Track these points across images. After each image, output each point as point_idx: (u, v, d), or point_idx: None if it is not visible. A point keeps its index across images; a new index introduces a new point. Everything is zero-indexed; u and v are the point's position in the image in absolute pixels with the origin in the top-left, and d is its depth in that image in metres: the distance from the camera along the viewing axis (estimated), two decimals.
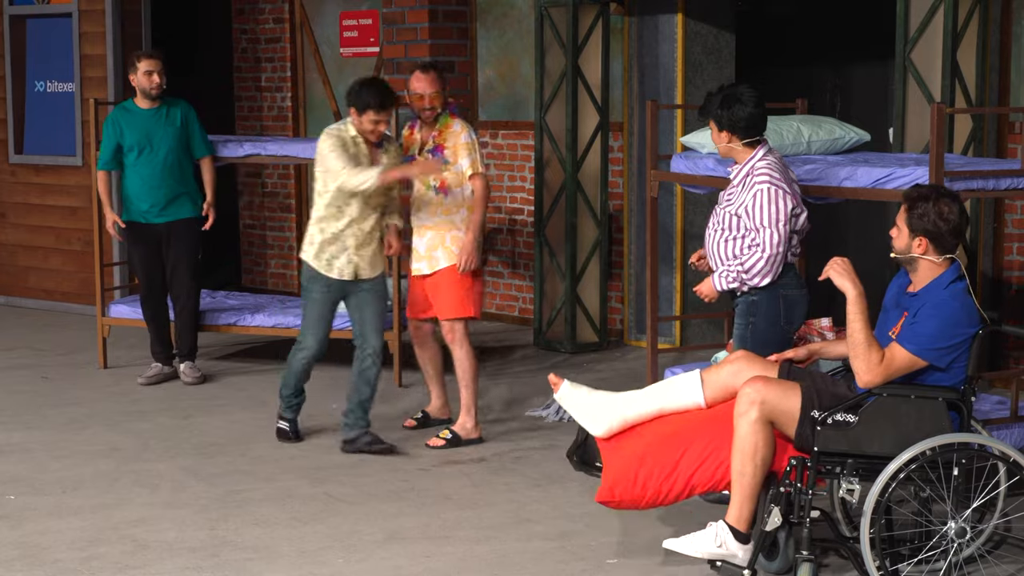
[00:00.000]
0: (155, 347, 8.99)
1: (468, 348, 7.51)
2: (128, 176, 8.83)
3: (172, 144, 8.77)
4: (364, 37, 11.57)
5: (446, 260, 7.47)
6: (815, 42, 10.15)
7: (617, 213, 10.14)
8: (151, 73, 8.72)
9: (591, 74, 9.95)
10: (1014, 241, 8.26)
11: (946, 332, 5.15)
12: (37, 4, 11.78)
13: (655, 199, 7.56)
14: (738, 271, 5.94)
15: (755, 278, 5.91)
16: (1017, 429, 6.17)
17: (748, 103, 5.98)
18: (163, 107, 8.80)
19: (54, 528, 6.13)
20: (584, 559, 5.70)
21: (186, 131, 8.83)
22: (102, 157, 8.85)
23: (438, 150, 7.48)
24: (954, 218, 5.22)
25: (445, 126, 7.48)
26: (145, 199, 8.75)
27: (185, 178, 8.86)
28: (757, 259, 5.90)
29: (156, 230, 8.80)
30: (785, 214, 5.90)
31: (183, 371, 8.93)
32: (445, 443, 7.39)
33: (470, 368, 7.49)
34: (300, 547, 5.87)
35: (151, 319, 8.94)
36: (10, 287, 12.17)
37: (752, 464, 5.22)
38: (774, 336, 5.97)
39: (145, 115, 8.76)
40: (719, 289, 6.02)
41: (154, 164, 8.73)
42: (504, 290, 10.93)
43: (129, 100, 8.89)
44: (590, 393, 5.72)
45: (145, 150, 8.72)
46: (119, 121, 8.77)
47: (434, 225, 7.49)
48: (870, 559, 5.09)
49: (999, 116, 8.14)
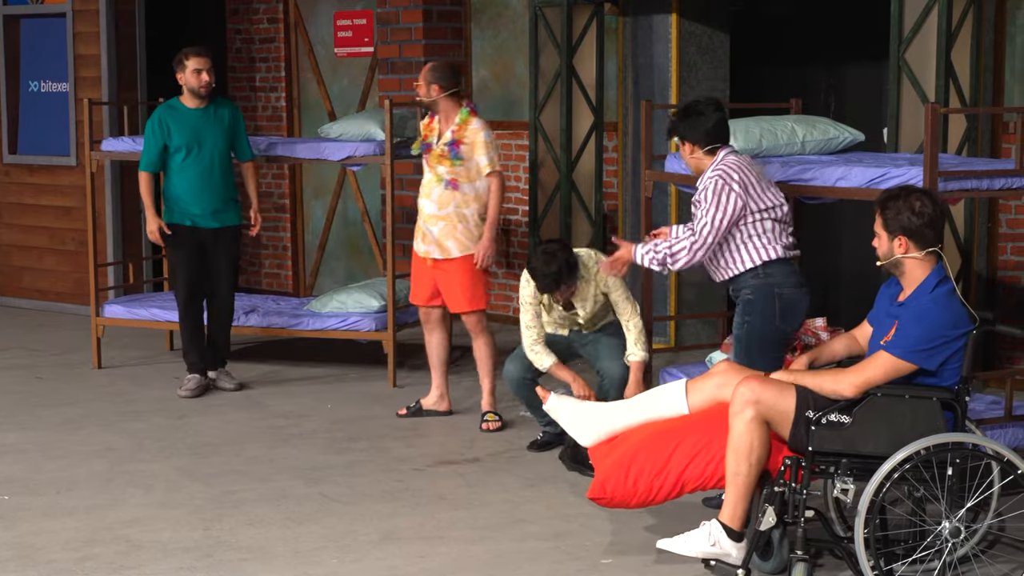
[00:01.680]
0: (192, 357, 8.62)
1: (489, 336, 7.81)
2: (174, 178, 8.46)
3: (220, 145, 8.47)
4: (358, 37, 11.56)
5: (459, 251, 7.68)
6: (809, 42, 10.16)
7: (612, 213, 10.14)
8: (200, 71, 8.37)
9: (585, 74, 9.96)
10: (1008, 241, 8.26)
11: (930, 335, 5.16)
12: (31, 4, 11.77)
13: (650, 199, 7.57)
14: (664, 252, 6.00)
15: (675, 259, 5.98)
16: (1011, 429, 6.18)
17: (706, 113, 6.10)
18: (211, 106, 8.48)
19: (48, 528, 6.13)
20: (579, 559, 5.70)
21: (232, 133, 8.56)
22: (146, 158, 8.49)
23: (455, 145, 7.59)
24: (928, 211, 5.23)
25: (464, 123, 7.61)
26: (195, 203, 8.44)
27: (230, 182, 8.57)
28: (683, 246, 5.97)
29: (202, 235, 8.49)
30: (725, 209, 5.92)
31: (220, 378, 8.71)
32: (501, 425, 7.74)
33: (493, 355, 7.80)
34: (295, 547, 5.87)
35: (193, 328, 8.61)
36: (4, 287, 12.16)
37: (747, 463, 5.23)
38: (771, 335, 5.97)
39: (194, 115, 8.44)
40: (635, 259, 6.09)
41: (202, 166, 8.42)
42: (499, 290, 10.93)
43: (175, 99, 8.51)
44: (577, 404, 5.91)
45: (193, 151, 8.41)
46: (165, 120, 8.42)
47: (446, 216, 7.67)
48: (864, 559, 5.09)
49: (993, 116, 8.15)
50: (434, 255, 7.73)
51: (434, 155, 7.70)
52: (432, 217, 7.72)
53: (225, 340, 8.76)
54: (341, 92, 11.76)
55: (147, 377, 9.16)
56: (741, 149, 6.97)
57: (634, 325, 7.00)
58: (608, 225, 10.12)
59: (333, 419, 8.00)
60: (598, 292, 7.02)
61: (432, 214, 7.71)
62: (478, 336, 7.81)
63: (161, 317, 9.34)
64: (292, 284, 12.18)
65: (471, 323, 7.80)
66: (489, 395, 7.79)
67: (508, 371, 7.28)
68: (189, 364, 8.68)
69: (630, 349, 6.98)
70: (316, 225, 12.08)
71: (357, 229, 11.73)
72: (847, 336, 5.71)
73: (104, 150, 9.49)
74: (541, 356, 7.03)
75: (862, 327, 5.64)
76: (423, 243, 7.77)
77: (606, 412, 5.78)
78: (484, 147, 7.61)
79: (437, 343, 7.94)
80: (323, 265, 12.04)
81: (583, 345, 7.17)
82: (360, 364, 9.25)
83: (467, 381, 8.78)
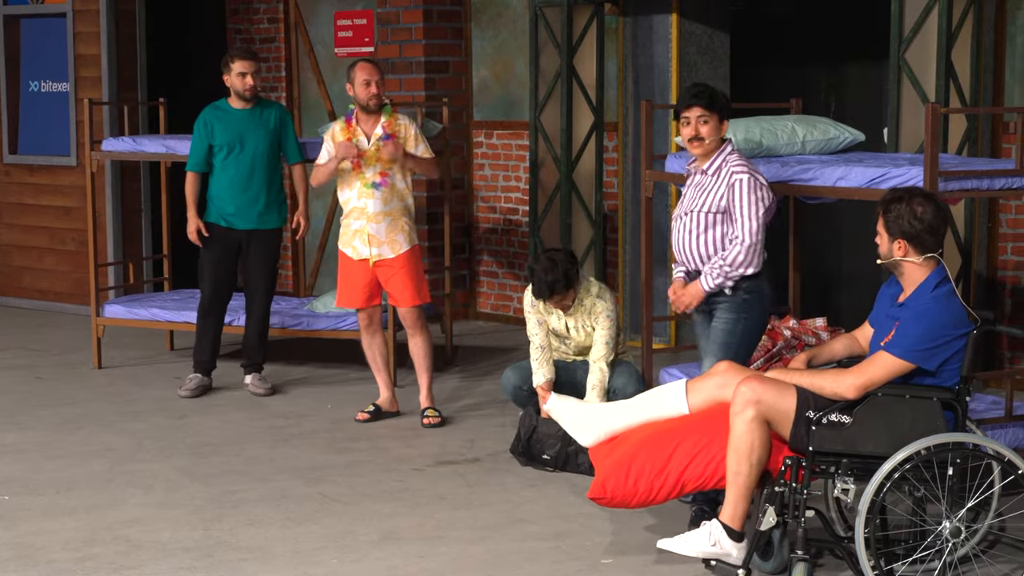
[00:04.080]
0: (201, 356, 8.62)
1: (428, 333, 7.93)
2: (215, 177, 8.47)
3: (263, 146, 8.42)
4: (358, 37, 11.56)
5: (407, 243, 7.83)
6: (810, 42, 10.15)
7: (612, 213, 10.13)
8: (245, 75, 8.33)
9: (586, 74, 9.96)
10: (1008, 241, 8.26)
11: (930, 335, 5.17)
12: (31, 4, 11.77)
13: (650, 199, 7.56)
14: (721, 266, 5.97)
15: (739, 269, 5.95)
16: (1011, 429, 6.18)
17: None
18: (257, 108, 8.44)
19: (48, 528, 6.12)
20: (579, 559, 5.70)
21: (279, 135, 8.51)
22: (192, 157, 8.49)
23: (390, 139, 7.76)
24: (928, 217, 5.23)
25: (393, 117, 7.82)
26: (230, 202, 8.43)
27: (273, 185, 8.52)
28: (738, 252, 5.95)
29: (235, 236, 8.47)
30: (763, 204, 5.97)
31: (252, 383, 8.63)
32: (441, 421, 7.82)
33: (432, 352, 7.92)
34: (295, 547, 5.87)
35: (210, 328, 8.58)
36: (4, 287, 12.16)
37: (747, 463, 5.22)
38: (760, 331, 6.12)
39: (239, 115, 8.41)
40: (707, 289, 6.02)
41: (241, 165, 8.40)
42: (499, 290, 10.93)
43: (222, 100, 8.49)
44: (577, 404, 5.94)
45: (235, 150, 8.39)
46: (210, 121, 8.42)
47: (391, 211, 7.77)
48: (865, 559, 5.09)
49: (993, 116, 8.14)
50: (386, 255, 7.79)
51: (369, 155, 7.74)
52: (376, 215, 7.74)
53: (260, 344, 8.66)
54: (341, 92, 11.74)
55: (147, 377, 9.15)
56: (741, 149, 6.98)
57: (600, 370, 7.00)
58: (608, 225, 10.11)
59: (333, 419, 8.00)
60: (589, 324, 7.08)
61: (377, 212, 7.74)
62: (418, 332, 7.84)
63: (161, 317, 9.33)
64: (292, 284, 12.17)
65: (412, 318, 7.82)
66: (427, 391, 7.87)
67: (506, 378, 7.31)
68: (196, 363, 8.66)
69: (588, 394, 6.99)
70: (316, 225, 12.07)
71: None
72: (847, 336, 5.71)
73: (104, 150, 9.49)
74: (536, 371, 7.10)
75: (863, 328, 5.65)
76: (369, 246, 7.79)
77: (606, 412, 5.78)
78: (419, 136, 7.85)
79: (380, 343, 7.99)
80: (323, 265, 12.04)
81: (587, 373, 7.16)
82: (360, 364, 9.22)
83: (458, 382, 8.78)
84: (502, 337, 10.36)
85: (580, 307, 7.09)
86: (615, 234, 10.11)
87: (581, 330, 7.11)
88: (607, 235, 10.12)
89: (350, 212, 7.83)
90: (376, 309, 7.95)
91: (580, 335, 7.13)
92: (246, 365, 8.69)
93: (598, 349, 7.03)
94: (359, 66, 7.82)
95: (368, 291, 7.89)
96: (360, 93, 7.77)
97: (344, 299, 7.98)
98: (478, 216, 11.02)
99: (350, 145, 7.70)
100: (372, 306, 7.93)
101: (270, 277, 8.61)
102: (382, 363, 8.00)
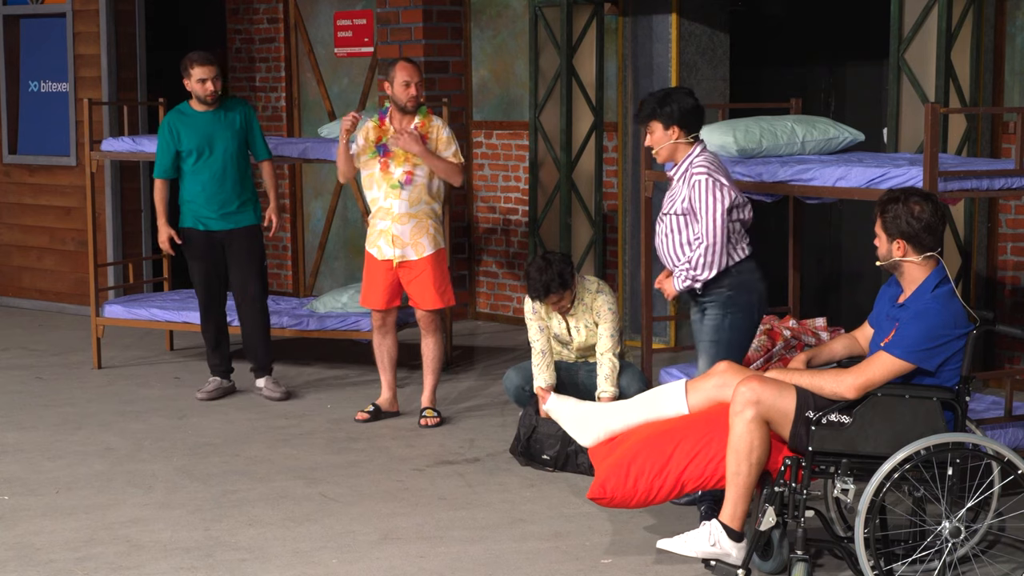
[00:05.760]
0: (213, 360, 8.55)
1: (442, 335, 7.93)
2: (186, 182, 8.32)
3: (232, 148, 8.28)
4: (358, 37, 11.56)
5: (432, 246, 7.75)
6: (809, 42, 10.15)
7: (611, 213, 10.14)
8: (204, 81, 8.20)
9: (585, 74, 9.96)
10: (1008, 241, 8.26)
11: (930, 335, 5.17)
12: (31, 4, 11.77)
13: (649, 199, 7.57)
14: (686, 269, 6.02)
15: (702, 271, 5.98)
16: (1011, 429, 6.18)
17: (687, 96, 6.12)
18: (221, 110, 8.30)
19: (48, 528, 6.13)
20: (578, 559, 5.70)
21: (245, 133, 8.40)
22: (159, 164, 8.33)
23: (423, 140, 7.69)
24: (926, 216, 5.24)
25: (426, 119, 7.72)
26: (205, 205, 8.30)
27: (245, 183, 8.37)
28: (699, 254, 5.98)
29: (215, 238, 8.33)
30: (721, 204, 5.95)
31: (264, 387, 8.53)
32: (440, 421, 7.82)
33: (442, 356, 7.94)
34: (294, 547, 5.87)
35: (214, 333, 8.52)
36: (4, 287, 12.17)
37: (747, 463, 5.23)
38: (750, 329, 6.11)
39: (204, 118, 8.27)
40: (677, 290, 6.10)
41: (213, 168, 8.25)
42: (499, 290, 10.93)
43: (184, 103, 8.35)
44: (577, 404, 5.94)
45: (204, 155, 8.27)
46: (175, 126, 8.27)
47: (417, 213, 7.71)
48: (864, 559, 5.09)
49: (993, 116, 8.15)
50: (409, 257, 7.74)
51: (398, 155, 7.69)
52: (401, 216, 7.70)
53: (263, 346, 8.52)
54: (341, 92, 11.76)
55: (147, 377, 9.16)
56: (741, 149, 6.98)
57: (609, 360, 7.01)
58: (608, 225, 10.12)
59: (333, 419, 8.00)
60: (592, 321, 7.09)
61: (402, 212, 7.69)
62: (432, 334, 7.83)
63: (161, 317, 9.33)
64: (292, 284, 12.18)
65: (428, 320, 7.81)
66: (431, 392, 7.87)
67: (509, 378, 7.32)
68: (211, 367, 8.63)
69: (601, 385, 7.00)
70: (316, 225, 12.08)
71: (357, 229, 11.73)
72: (848, 337, 5.71)
73: (104, 150, 9.48)
74: (537, 376, 7.10)
75: (863, 328, 5.65)
76: (393, 247, 7.75)
77: (606, 412, 5.79)
78: (451, 140, 7.75)
79: (391, 345, 7.96)
80: (323, 265, 12.04)
81: (589, 373, 7.19)
82: (360, 364, 9.24)
83: (458, 382, 8.78)
84: (501, 337, 10.36)
85: (581, 304, 7.11)
86: (615, 234, 10.12)
87: (583, 329, 7.12)
88: (607, 235, 10.12)
89: (376, 212, 7.79)
90: (392, 311, 7.92)
91: (582, 335, 7.14)
92: (255, 369, 8.62)
93: (604, 343, 7.04)
94: (400, 65, 7.71)
95: (389, 292, 7.83)
96: (399, 93, 7.68)
97: (367, 299, 7.95)
98: (478, 216, 11.02)
99: (353, 116, 7.65)
100: (389, 308, 7.89)
101: (259, 274, 8.45)
102: (389, 364, 7.99)
